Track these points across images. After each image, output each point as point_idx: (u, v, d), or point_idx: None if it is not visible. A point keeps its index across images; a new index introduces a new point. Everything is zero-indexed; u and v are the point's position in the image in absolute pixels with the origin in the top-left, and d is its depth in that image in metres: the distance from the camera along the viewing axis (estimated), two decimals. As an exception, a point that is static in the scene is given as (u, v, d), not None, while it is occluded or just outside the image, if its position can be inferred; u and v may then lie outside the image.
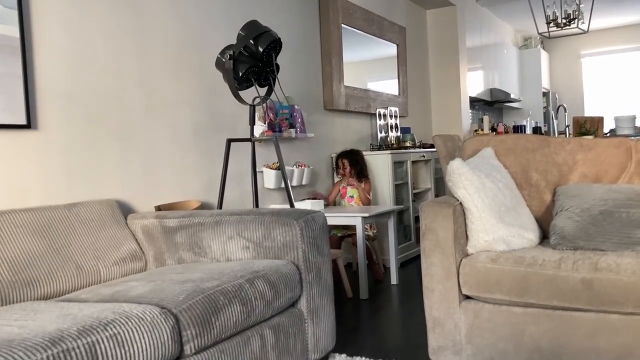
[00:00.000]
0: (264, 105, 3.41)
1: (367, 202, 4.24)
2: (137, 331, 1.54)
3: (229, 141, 2.95)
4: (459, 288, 2.19)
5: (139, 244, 2.58)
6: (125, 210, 2.81)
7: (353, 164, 4.31)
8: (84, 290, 2.10)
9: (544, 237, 2.47)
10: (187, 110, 3.20)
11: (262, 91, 3.11)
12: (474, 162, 2.45)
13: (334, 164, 4.44)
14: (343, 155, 4.36)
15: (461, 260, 2.21)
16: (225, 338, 1.87)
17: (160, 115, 3.03)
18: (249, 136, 3.06)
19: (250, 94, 3.28)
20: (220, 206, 2.95)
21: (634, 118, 6.18)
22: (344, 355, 2.49)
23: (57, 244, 2.23)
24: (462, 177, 2.27)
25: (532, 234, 2.33)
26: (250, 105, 2.94)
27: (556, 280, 2.00)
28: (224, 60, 2.78)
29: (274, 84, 2.94)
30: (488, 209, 2.24)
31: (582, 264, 2.00)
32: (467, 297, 2.21)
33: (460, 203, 2.29)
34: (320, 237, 2.35)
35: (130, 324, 1.54)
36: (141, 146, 2.91)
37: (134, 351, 1.51)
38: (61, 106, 2.54)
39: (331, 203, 4.33)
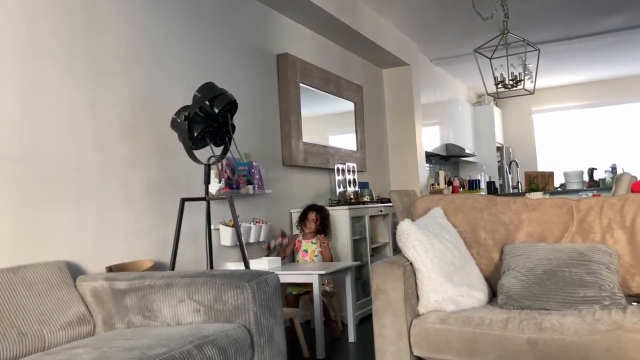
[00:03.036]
0: (221, 163, 3.44)
1: (330, 258, 4.22)
2: (76, 405, 1.49)
3: (183, 200, 2.95)
4: (410, 349, 2.20)
5: (87, 307, 2.52)
6: (75, 271, 2.75)
7: (322, 217, 4.31)
8: (27, 359, 2.02)
9: (494, 295, 2.53)
10: (142, 170, 3.20)
11: (218, 150, 3.14)
12: (423, 222, 2.51)
13: (300, 216, 4.40)
14: (314, 208, 4.35)
15: (412, 320, 2.23)
16: (171, 408, 1.82)
17: (115, 175, 3.01)
18: (204, 194, 3.07)
19: (206, 153, 3.30)
20: (172, 267, 2.91)
21: (581, 173, 6.45)
22: (297, 420, 2.45)
23: None
24: (411, 237, 2.32)
25: (480, 293, 2.38)
26: (205, 164, 2.96)
27: (503, 341, 2.04)
28: (179, 120, 2.81)
29: (230, 143, 2.97)
30: (437, 268, 2.29)
31: (527, 324, 2.05)
32: (419, 359, 2.22)
33: (411, 263, 2.33)
34: (272, 299, 2.34)
35: (69, 397, 1.49)
36: (94, 206, 2.88)
37: None
38: (9, 167, 2.51)
39: (284, 256, 4.30)
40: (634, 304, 2.16)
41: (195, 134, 2.81)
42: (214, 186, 3.56)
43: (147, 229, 3.20)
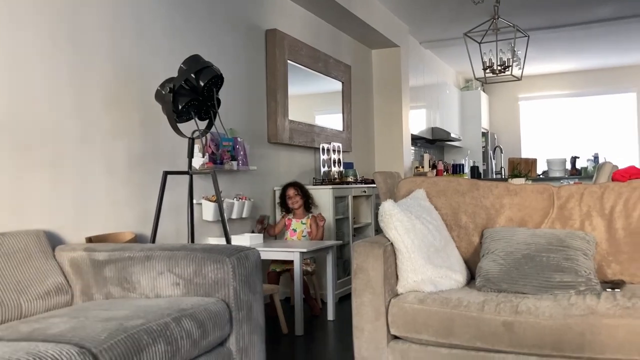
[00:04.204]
0: (205, 137, 3.40)
1: (318, 237, 4.23)
2: (51, 373, 1.48)
3: (166, 174, 2.93)
4: (388, 328, 2.22)
5: (65, 277, 2.50)
6: (55, 241, 2.72)
7: (303, 192, 4.32)
8: (2, 326, 2.01)
9: (472, 278, 2.55)
10: (124, 141, 3.16)
11: (202, 124, 3.11)
12: (405, 204, 2.51)
13: (280, 197, 4.40)
14: (290, 184, 4.35)
15: (390, 300, 2.25)
16: (147, 379, 1.82)
17: (96, 146, 2.98)
18: (187, 168, 3.04)
19: (190, 126, 3.27)
20: (153, 239, 2.90)
21: (564, 161, 6.50)
22: (273, 395, 2.47)
23: (-24, 277, 2.13)
24: (393, 218, 2.32)
25: (459, 275, 2.40)
26: (189, 138, 2.94)
27: (479, 322, 2.06)
28: (163, 92, 2.77)
29: (214, 118, 2.94)
30: (417, 249, 2.30)
31: (504, 307, 2.07)
32: (396, 337, 2.25)
33: (392, 243, 2.34)
34: (252, 274, 2.34)
35: (44, 365, 1.48)
36: (74, 176, 2.85)
37: (46, 394, 1.46)
38: (-10, 133, 2.46)
39: (277, 234, 4.30)
40: (608, 290, 2.20)
41: (180, 107, 2.77)
42: (198, 160, 3.54)
43: (129, 201, 3.18)
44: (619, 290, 2.18)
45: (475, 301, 2.13)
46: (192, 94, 2.81)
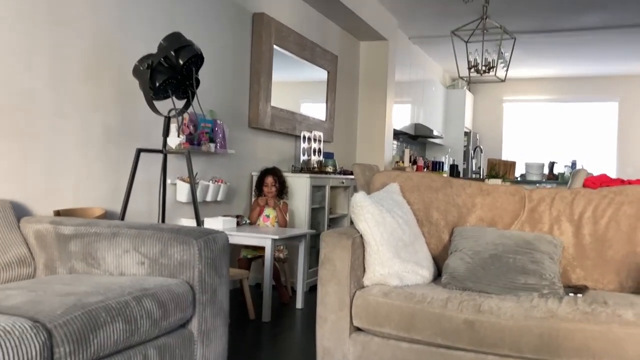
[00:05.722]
0: (182, 117, 3.36)
1: (284, 224, 4.23)
2: (0, 346, 1.45)
3: (139, 151, 2.89)
4: (351, 319, 2.23)
5: (29, 249, 2.46)
6: (21, 212, 2.67)
7: (281, 181, 4.31)
8: (-42, 295, 1.97)
9: (439, 275, 2.56)
10: (99, 115, 3.11)
11: (180, 104, 3.07)
12: (378, 196, 2.51)
13: (258, 180, 4.38)
14: (270, 172, 4.33)
15: (356, 292, 2.25)
16: (103, 356, 1.80)
17: (70, 118, 2.92)
18: (162, 147, 3.00)
19: (168, 105, 3.23)
20: (122, 217, 2.86)
21: (542, 166, 6.57)
22: (233, 379, 2.46)
23: None
24: (363, 210, 2.32)
25: (426, 271, 2.41)
26: (165, 116, 2.89)
27: (441, 319, 2.07)
28: (141, 68, 2.72)
29: (193, 98, 2.90)
30: (386, 243, 2.30)
31: (467, 305, 2.08)
32: (358, 329, 2.25)
33: (361, 235, 2.34)
34: (219, 257, 2.32)
35: (-6, 337, 1.45)
36: (45, 147, 2.79)
37: (-5, 366, 1.43)
38: (-42, 97, 2.40)
39: (254, 222, 4.27)
40: (570, 294, 2.22)
41: (157, 84, 2.73)
42: (174, 140, 3.49)
43: (100, 176, 3.13)
44: (581, 295, 2.21)
45: (439, 298, 2.14)
46: (170, 72, 2.76)
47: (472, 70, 5.20)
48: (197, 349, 2.24)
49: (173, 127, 3.53)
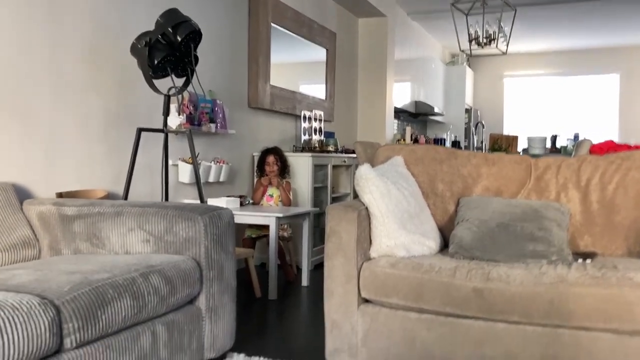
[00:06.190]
0: (182, 96, 3.33)
1: (288, 202, 4.21)
2: (9, 321, 1.44)
3: (139, 130, 2.86)
4: (359, 291, 2.21)
5: (33, 231, 2.44)
6: (23, 195, 2.66)
7: (282, 160, 4.27)
8: (-37, 277, 1.96)
9: (446, 246, 2.55)
10: (99, 97, 3.07)
11: (180, 82, 3.03)
12: (382, 169, 2.49)
13: (259, 160, 4.34)
14: (271, 151, 4.29)
15: (362, 264, 2.24)
16: (112, 333, 1.79)
17: (70, 99, 2.89)
18: (162, 126, 2.97)
19: (167, 83, 3.19)
20: (125, 198, 2.84)
21: (544, 139, 6.53)
22: (242, 355, 2.46)
23: (-63, 226, 2.07)
24: (369, 182, 2.30)
25: (432, 242, 2.39)
26: (165, 95, 2.86)
27: (450, 288, 2.06)
28: (139, 46, 2.68)
29: (192, 75, 2.87)
30: (392, 214, 2.28)
31: (475, 274, 2.07)
32: (366, 301, 2.24)
33: (366, 208, 2.32)
34: (225, 234, 2.31)
35: (2, 313, 1.44)
36: (46, 129, 2.77)
37: (4, 342, 1.42)
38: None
39: (258, 202, 4.23)
40: (579, 260, 2.21)
41: (156, 62, 2.69)
42: (174, 120, 3.46)
43: (102, 159, 3.11)
44: (589, 261, 2.19)
45: (447, 267, 2.12)
46: (168, 49, 2.73)
47: (473, 42, 5.14)
48: (206, 325, 2.23)
49: (173, 107, 3.50)
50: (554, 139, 7.01)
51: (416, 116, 8.55)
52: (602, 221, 2.43)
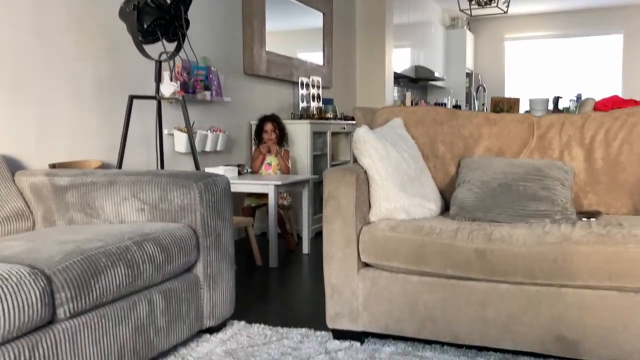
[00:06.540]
0: (174, 63, 3.25)
1: (287, 171, 4.15)
2: (-2, 292, 1.41)
3: (131, 98, 2.79)
4: (358, 255, 2.18)
5: (26, 202, 2.40)
6: (15, 166, 2.60)
7: (280, 128, 4.20)
8: (-45, 249, 1.92)
9: (447, 208, 2.50)
10: (90, 65, 2.99)
11: (171, 47, 2.95)
12: (381, 131, 2.42)
13: (257, 129, 4.26)
14: (269, 118, 4.21)
15: (362, 227, 2.19)
16: (107, 302, 1.76)
17: (60, 69, 2.81)
18: (154, 93, 2.90)
19: (158, 49, 3.10)
20: (119, 167, 2.79)
21: (546, 101, 6.42)
22: (242, 322, 2.44)
23: None
24: (367, 144, 2.24)
25: (433, 204, 2.35)
26: (156, 60, 2.78)
27: (451, 250, 2.02)
28: (127, 10, 2.60)
29: (183, 40, 2.78)
30: (391, 177, 2.23)
31: (477, 235, 2.02)
32: (366, 265, 2.20)
33: (365, 171, 2.27)
34: (221, 201, 2.26)
35: (-10, 284, 1.40)
36: (36, 100, 2.70)
37: (-7, 313, 1.38)
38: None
39: (257, 170, 4.17)
40: (583, 219, 2.16)
41: (145, 26, 2.61)
42: (168, 88, 3.38)
43: (95, 128, 3.04)
44: (594, 219, 2.14)
45: (448, 229, 2.08)
46: (158, 12, 2.64)
47: (473, 2, 5.01)
48: (204, 293, 2.20)
49: (166, 74, 3.42)
50: (556, 100, 6.90)
51: (416, 81, 8.42)
52: (607, 179, 2.38)
